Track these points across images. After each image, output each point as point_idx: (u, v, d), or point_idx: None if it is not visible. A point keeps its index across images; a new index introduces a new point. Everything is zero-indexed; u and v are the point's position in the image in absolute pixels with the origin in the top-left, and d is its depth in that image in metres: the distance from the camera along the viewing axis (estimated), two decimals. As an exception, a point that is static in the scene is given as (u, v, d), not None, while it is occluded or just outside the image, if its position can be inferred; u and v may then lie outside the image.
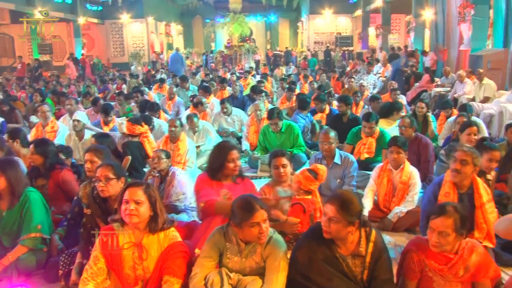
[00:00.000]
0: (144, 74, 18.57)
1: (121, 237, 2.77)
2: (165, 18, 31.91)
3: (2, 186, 3.43)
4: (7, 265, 3.35)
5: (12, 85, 15.00)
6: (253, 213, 2.67)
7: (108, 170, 3.14)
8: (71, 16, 25.46)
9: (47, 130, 6.41)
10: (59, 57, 25.78)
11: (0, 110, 8.84)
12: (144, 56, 26.54)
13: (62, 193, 4.18)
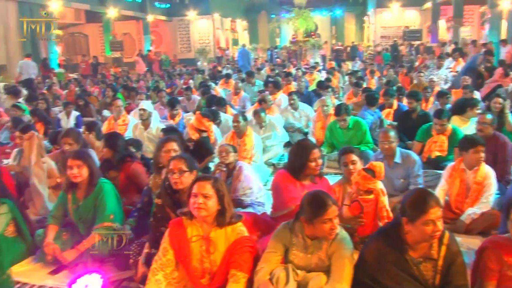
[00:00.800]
0: (210, 70, 18.87)
1: (190, 230, 2.81)
2: (231, 14, 32.25)
3: (84, 176, 3.60)
4: (82, 251, 3.52)
5: (86, 81, 15.77)
6: (326, 209, 2.65)
7: (181, 163, 3.19)
8: (141, 14, 26.38)
9: (119, 123, 6.70)
10: (129, 54, 26.75)
11: (76, 105, 9.31)
12: (210, 52, 26.97)
13: (132, 185, 4.33)
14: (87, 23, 26.95)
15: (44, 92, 11.92)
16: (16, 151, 5.17)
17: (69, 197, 3.73)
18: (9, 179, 4.41)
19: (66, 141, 4.64)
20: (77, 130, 4.92)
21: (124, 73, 18.32)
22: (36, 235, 3.78)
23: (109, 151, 4.34)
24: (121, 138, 4.50)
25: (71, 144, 4.60)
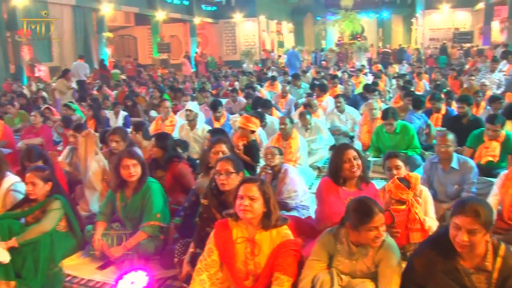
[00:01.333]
0: (256, 72, 18.95)
1: (235, 232, 2.82)
2: (277, 16, 32.29)
3: (138, 174, 3.69)
4: (129, 248, 3.59)
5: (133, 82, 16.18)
6: (373, 216, 2.58)
7: (229, 164, 3.20)
8: (188, 16, 26.84)
9: (166, 124, 6.82)
10: (176, 56, 27.25)
11: (124, 105, 9.54)
12: (255, 54, 27.09)
13: (179, 185, 4.38)
14: (136, 26, 27.67)
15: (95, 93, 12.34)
16: (68, 149, 5.35)
17: (118, 195, 3.82)
18: (61, 176, 4.58)
19: (114, 138, 4.77)
20: (124, 128, 5.05)
21: (171, 75, 18.66)
22: (85, 230, 3.89)
23: (159, 151, 4.43)
24: (170, 138, 4.58)
25: (118, 141, 4.73)
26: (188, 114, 6.43)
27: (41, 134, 7.17)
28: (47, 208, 3.67)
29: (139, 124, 5.50)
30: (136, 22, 27.27)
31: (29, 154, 4.36)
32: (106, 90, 13.11)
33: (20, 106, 10.20)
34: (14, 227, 3.54)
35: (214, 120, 7.00)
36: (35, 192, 3.65)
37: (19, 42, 16.81)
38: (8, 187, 3.90)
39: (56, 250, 3.56)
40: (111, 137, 4.77)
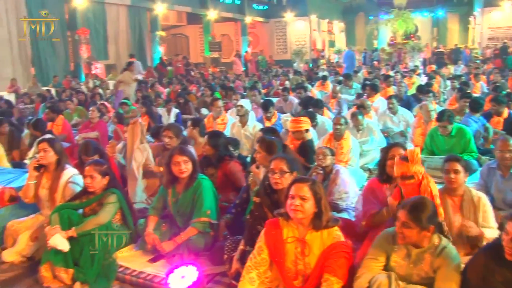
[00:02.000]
0: (307, 71, 18.86)
1: (285, 231, 2.81)
2: (328, 15, 32.00)
3: (189, 171, 3.76)
4: (180, 243, 3.66)
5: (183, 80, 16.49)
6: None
7: (283, 163, 3.21)
8: (239, 16, 27.07)
9: (218, 122, 6.91)
10: (227, 54, 27.53)
11: (176, 103, 9.75)
12: (306, 54, 26.96)
13: (229, 183, 4.43)
14: (188, 25, 28.20)
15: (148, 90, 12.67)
16: (122, 144, 5.52)
17: (169, 191, 3.90)
18: (116, 170, 4.73)
19: (167, 134, 4.87)
20: (178, 125, 5.17)
21: (222, 73, 18.88)
22: (138, 224, 4.01)
23: (210, 149, 4.49)
24: (222, 137, 4.63)
25: (171, 137, 4.83)
26: (239, 109, 6.50)
27: (97, 129, 7.46)
28: (104, 201, 3.80)
29: (197, 120, 5.61)
30: (188, 21, 27.79)
31: (87, 149, 4.54)
32: (159, 87, 13.42)
33: (78, 102, 10.64)
34: (73, 217, 3.69)
35: (266, 119, 7.02)
36: (93, 185, 3.79)
37: (78, 41, 17.56)
38: (68, 179, 4.07)
39: (111, 242, 3.67)
40: (165, 133, 4.89)
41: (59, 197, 4.04)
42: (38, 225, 4.07)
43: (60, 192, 4.05)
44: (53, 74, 16.46)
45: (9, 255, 3.97)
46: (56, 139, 4.34)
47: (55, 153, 4.10)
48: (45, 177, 4.15)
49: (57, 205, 3.88)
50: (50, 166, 4.12)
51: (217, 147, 4.48)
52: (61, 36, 17.37)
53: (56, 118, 7.49)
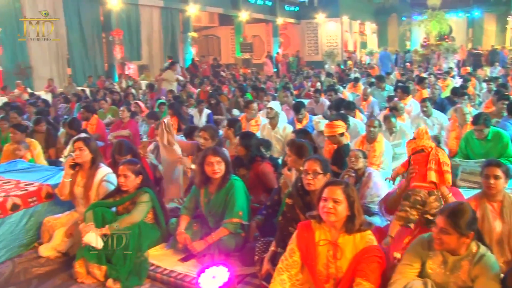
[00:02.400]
0: (338, 73, 18.72)
1: (318, 234, 2.79)
2: (360, 16, 31.70)
3: (222, 172, 3.78)
4: (211, 243, 3.69)
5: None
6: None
7: (317, 165, 3.20)
8: (271, 17, 27.09)
9: (252, 124, 6.91)
10: (258, 55, 27.58)
11: (208, 103, 9.81)
12: (337, 55, 26.74)
13: (261, 184, 4.43)
14: (220, 26, 28.38)
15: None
16: (154, 144, 5.60)
17: (202, 191, 3.94)
18: (149, 170, 4.81)
19: (203, 135, 4.91)
20: (214, 127, 5.18)
21: (253, 74, 18.91)
22: (169, 223, 4.06)
23: (243, 150, 4.51)
24: (254, 138, 4.64)
25: (207, 139, 4.86)
26: (268, 112, 6.49)
27: (128, 128, 7.58)
28: (137, 200, 3.87)
29: (233, 121, 5.64)
30: (220, 22, 27.98)
31: (120, 148, 4.63)
32: (190, 88, 13.55)
33: (112, 101, 10.84)
34: (106, 215, 3.77)
35: (297, 121, 6.99)
36: (127, 184, 3.86)
37: (112, 42, 17.93)
38: (102, 178, 4.16)
39: (143, 240, 3.73)
40: (201, 134, 4.94)
41: (93, 195, 4.14)
42: (73, 222, 4.18)
43: (94, 190, 4.15)
44: (87, 75, 16.87)
45: (45, 250, 4.11)
46: (91, 138, 4.44)
47: (90, 151, 4.19)
48: (80, 175, 4.25)
49: (91, 203, 3.97)
50: (85, 165, 4.22)
51: (249, 148, 4.49)
52: (96, 37, 17.81)
53: (91, 118, 7.65)
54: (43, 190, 4.45)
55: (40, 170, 5.15)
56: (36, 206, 4.35)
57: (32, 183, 4.55)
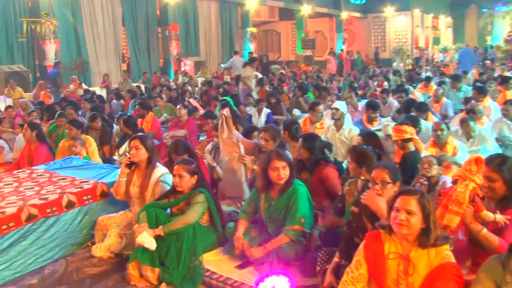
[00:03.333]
0: (407, 72, 18.25)
1: (387, 246, 2.71)
2: (433, 10, 30.78)
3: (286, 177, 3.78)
4: (270, 250, 3.68)
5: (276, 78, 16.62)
6: None
7: (385, 173, 3.11)
8: (334, 11, 26.84)
9: (317, 127, 6.83)
10: (320, 52, 27.44)
11: (268, 102, 9.83)
12: (407, 52, 26.09)
13: (324, 190, 4.38)
14: (280, 21, 28.47)
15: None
16: (212, 145, 5.67)
17: (262, 196, 3.94)
18: (205, 170, 4.87)
19: (264, 136, 4.90)
20: (277, 128, 5.14)
21: (315, 72, 18.81)
22: (227, 227, 4.09)
23: (306, 152, 4.47)
24: (319, 140, 4.59)
25: (268, 140, 4.85)
26: (333, 113, 6.41)
27: (185, 127, 7.72)
28: (192, 200, 3.93)
29: (290, 123, 5.56)
30: (280, 17, 28.07)
31: (176, 147, 4.73)
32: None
33: (168, 99, 11.10)
34: (160, 216, 3.86)
35: (367, 122, 6.86)
36: (182, 184, 3.93)
37: (169, 37, 18.41)
38: (158, 178, 4.26)
39: (198, 243, 3.78)
40: (262, 134, 4.93)
41: (149, 195, 4.25)
42: (127, 222, 4.30)
43: (150, 190, 4.26)
44: (143, 71, 17.41)
45: (98, 250, 4.25)
46: (148, 137, 4.55)
47: (146, 150, 4.30)
48: (136, 175, 4.38)
49: (146, 203, 4.07)
50: (141, 164, 4.34)
51: (312, 150, 4.45)
52: (152, 32, 18.35)
53: (146, 115, 7.85)
54: (98, 188, 4.61)
55: (95, 168, 5.35)
56: (90, 204, 4.52)
57: (87, 181, 4.72)
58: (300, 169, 4.49)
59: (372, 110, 6.89)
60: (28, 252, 4.03)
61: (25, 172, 5.27)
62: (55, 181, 4.81)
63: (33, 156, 6.17)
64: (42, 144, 6.23)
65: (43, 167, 5.42)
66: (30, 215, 4.02)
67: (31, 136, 6.19)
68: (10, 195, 4.37)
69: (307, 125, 7.02)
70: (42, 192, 4.41)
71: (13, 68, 14.21)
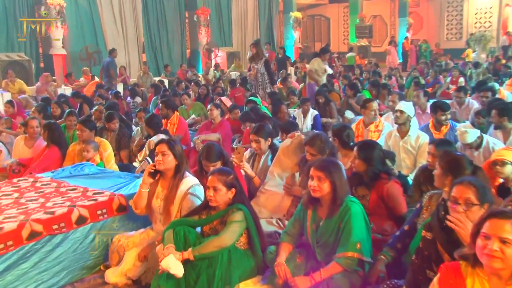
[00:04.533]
0: (492, 64, 17.86)
1: (470, 282, 2.64)
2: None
3: (325, 191, 3.73)
4: (318, 282, 3.63)
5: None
6: None
7: (470, 192, 3.01)
8: (400, -9, 26.58)
9: (371, 129, 6.78)
10: (379, 42, 27.23)
11: (315, 102, 9.78)
12: (491, 40, 25.39)
13: (385, 209, 4.33)
14: (330, 4, 28.44)
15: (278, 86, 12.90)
16: (250, 152, 5.69)
17: (309, 213, 3.91)
18: (244, 182, 4.87)
19: (309, 150, 4.88)
20: (324, 137, 5.05)
21: (372, 66, 18.66)
22: (267, 252, 4.07)
23: (361, 164, 4.41)
24: (378, 149, 4.52)
25: (314, 155, 4.80)
26: (397, 117, 6.30)
27: (219, 130, 7.75)
28: (228, 219, 3.93)
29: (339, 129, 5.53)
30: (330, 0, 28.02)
31: (208, 153, 4.78)
32: (292, 82, 13.63)
33: (196, 96, 11.21)
34: (190, 236, 3.87)
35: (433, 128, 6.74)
36: (217, 198, 3.93)
37: (197, 24, 18.56)
38: (187, 190, 4.28)
39: (233, 270, 3.79)
40: (307, 149, 4.90)
41: (176, 211, 4.28)
42: (148, 242, 4.35)
43: (177, 204, 4.28)
44: (165, 62, 17.61)
45: (113, 275, 4.30)
46: (176, 141, 4.57)
47: (174, 157, 4.34)
48: (160, 185, 4.43)
49: (172, 220, 4.11)
50: (168, 173, 4.38)
51: (370, 161, 4.39)
52: (177, 17, 18.51)
53: (171, 115, 7.92)
54: (115, 201, 4.66)
55: (112, 177, 5.45)
56: (105, 220, 4.58)
57: (102, 192, 4.80)
58: (356, 183, 4.46)
59: (441, 112, 6.74)
60: (28, 277, 4.04)
61: (28, 180, 5.35)
62: (64, 191, 4.89)
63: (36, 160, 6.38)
64: (52, 146, 6.39)
65: (49, 175, 5.52)
66: (33, 232, 4.04)
67: (45, 138, 6.41)
68: (9, 208, 4.41)
69: (360, 129, 6.97)
70: (47, 205, 4.47)
71: (12, 57, 14.51)
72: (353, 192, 4.30)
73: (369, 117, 7.01)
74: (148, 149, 6.53)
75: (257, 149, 5.60)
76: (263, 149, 5.62)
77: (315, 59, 12.17)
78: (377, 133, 6.69)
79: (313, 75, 11.96)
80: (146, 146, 6.64)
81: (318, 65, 11.93)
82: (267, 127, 5.72)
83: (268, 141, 5.58)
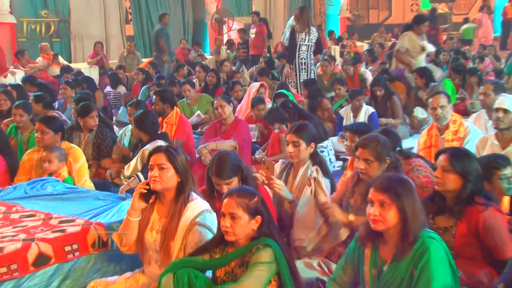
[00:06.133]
0: None
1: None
2: None
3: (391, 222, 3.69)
4: None
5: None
6: None
7: None
8: None
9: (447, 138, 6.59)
10: (464, 8, 27.12)
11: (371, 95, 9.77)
12: None
13: (480, 249, 4.29)
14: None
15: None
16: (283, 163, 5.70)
17: (367, 254, 3.89)
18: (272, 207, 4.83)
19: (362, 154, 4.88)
20: (383, 139, 5.01)
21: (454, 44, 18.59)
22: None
23: (457, 179, 4.36)
24: (475, 160, 4.47)
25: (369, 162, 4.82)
26: (499, 118, 6.20)
27: (234, 135, 7.66)
28: (251, 259, 3.92)
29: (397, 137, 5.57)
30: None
31: (220, 167, 4.76)
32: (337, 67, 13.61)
33: (202, 86, 11.22)
34: (198, 282, 3.88)
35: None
36: (235, 231, 3.93)
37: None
38: (194, 218, 4.28)
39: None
40: (359, 152, 4.88)
41: (177, 247, 4.28)
42: (137, 292, 4.36)
43: (179, 238, 4.29)
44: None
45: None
46: (178, 150, 4.54)
47: (176, 172, 4.35)
48: (157, 212, 4.45)
49: (172, 260, 4.11)
50: (167, 194, 4.41)
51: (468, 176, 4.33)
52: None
53: (168, 112, 7.90)
54: (91, 232, 4.67)
55: (86, 198, 5.47)
56: (77, 260, 4.59)
57: (72, 220, 4.83)
58: (435, 210, 4.45)
59: None
60: None
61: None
62: (16, 219, 4.91)
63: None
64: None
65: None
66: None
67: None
68: None
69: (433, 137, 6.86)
70: (-10, 239, 4.44)
71: None
72: (431, 224, 4.27)
73: (434, 118, 6.87)
74: (141, 161, 6.46)
75: (294, 155, 5.49)
76: (302, 157, 5.51)
77: (405, 33, 12.04)
78: (457, 143, 6.54)
79: (401, 57, 11.84)
80: (138, 158, 6.56)
81: (411, 41, 11.75)
82: (310, 128, 5.69)
83: (310, 147, 5.48)
